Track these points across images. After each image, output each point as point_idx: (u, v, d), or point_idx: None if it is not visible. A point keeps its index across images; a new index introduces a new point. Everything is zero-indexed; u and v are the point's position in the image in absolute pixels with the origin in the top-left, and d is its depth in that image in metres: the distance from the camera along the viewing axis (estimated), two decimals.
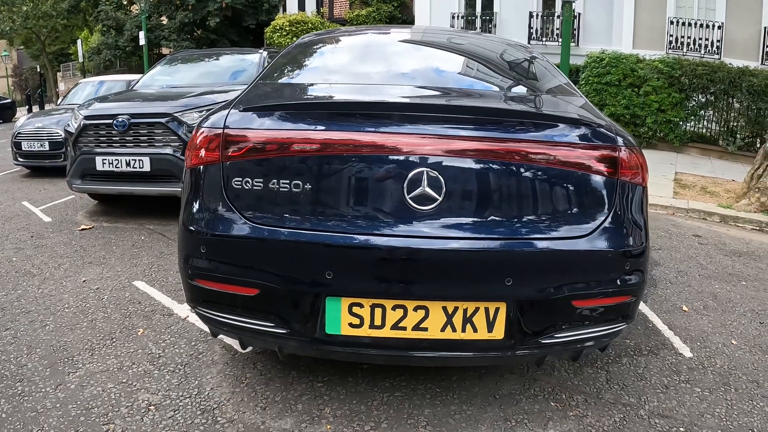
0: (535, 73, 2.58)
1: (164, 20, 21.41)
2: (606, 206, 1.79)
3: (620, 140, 1.83)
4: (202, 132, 1.85)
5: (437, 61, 2.61)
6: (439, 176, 1.68)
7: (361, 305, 1.70)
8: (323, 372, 2.27)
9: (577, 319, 1.80)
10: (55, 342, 2.57)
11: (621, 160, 1.80)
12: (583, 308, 1.78)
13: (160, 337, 2.61)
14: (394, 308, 1.70)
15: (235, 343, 2.43)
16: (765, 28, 11.69)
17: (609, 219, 1.79)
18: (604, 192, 1.80)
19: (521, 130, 1.77)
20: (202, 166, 1.83)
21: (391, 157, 1.70)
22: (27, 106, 25.05)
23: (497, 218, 1.72)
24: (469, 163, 1.71)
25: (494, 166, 1.72)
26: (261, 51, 6.33)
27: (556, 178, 1.75)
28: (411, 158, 1.69)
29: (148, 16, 19.71)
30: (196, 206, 1.84)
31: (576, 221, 1.76)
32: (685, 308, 3.18)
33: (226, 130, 1.79)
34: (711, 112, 9.90)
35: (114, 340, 2.59)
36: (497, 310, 1.72)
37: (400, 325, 1.71)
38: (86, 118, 4.65)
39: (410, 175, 1.68)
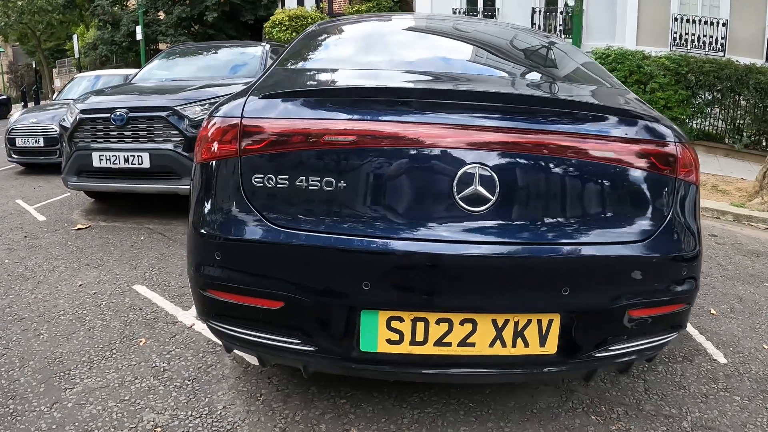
0: (576, 62, 2.39)
1: (161, 15, 21.17)
2: (665, 207, 1.64)
3: (676, 135, 1.68)
4: (215, 123, 1.63)
5: (470, 48, 2.42)
6: (493, 174, 1.49)
7: (401, 319, 1.51)
8: (346, 387, 2.09)
9: (632, 329, 1.65)
10: (50, 353, 2.37)
11: (678, 158, 1.64)
12: (639, 318, 1.63)
13: (165, 348, 2.42)
14: (438, 322, 1.51)
15: (247, 355, 2.25)
16: None
17: (668, 221, 1.63)
18: (663, 192, 1.64)
19: (581, 123, 1.59)
20: (214, 162, 1.61)
21: (438, 152, 1.51)
22: (22, 103, 24.80)
23: (555, 221, 1.55)
24: (524, 160, 1.53)
25: (551, 164, 1.54)
26: (263, 44, 6.14)
27: (615, 176, 1.59)
28: (462, 153, 1.50)
29: (145, 10, 19.47)
30: (208, 206, 1.63)
31: (635, 224, 1.60)
32: (713, 311, 3.06)
33: (244, 120, 1.57)
34: (717, 110, 9.79)
35: (114, 351, 2.40)
36: (551, 322, 1.55)
37: (444, 340, 1.52)
38: (82, 112, 4.45)
39: (460, 173, 1.49)
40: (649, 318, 1.66)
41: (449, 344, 1.53)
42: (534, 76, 2.19)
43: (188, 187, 4.33)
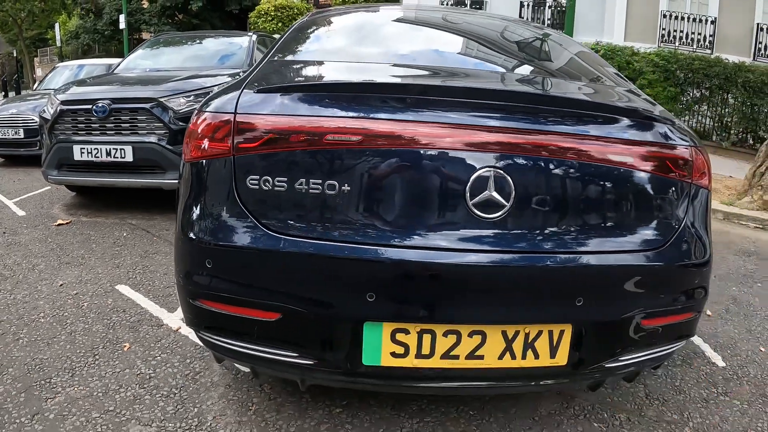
0: (587, 61, 2.31)
1: (145, 4, 20.77)
2: (680, 214, 1.58)
3: (691, 139, 1.63)
4: (205, 118, 1.52)
5: (470, 42, 2.32)
6: (508, 178, 1.40)
7: (406, 331, 1.42)
8: (341, 395, 2.00)
9: (643, 339, 1.60)
10: (30, 360, 2.25)
11: (692, 162, 1.59)
12: (650, 327, 1.58)
13: (150, 354, 2.31)
14: (445, 334, 1.43)
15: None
16: (758, 24, 11.69)
17: (682, 228, 1.57)
18: (679, 198, 1.58)
19: (597, 125, 1.51)
20: (204, 160, 1.50)
21: (451, 154, 1.41)
22: (3, 92, 24.22)
23: (570, 228, 1.47)
24: (538, 164, 1.44)
25: (566, 169, 1.46)
26: (250, 34, 6.00)
27: (630, 182, 1.52)
28: (476, 156, 1.41)
29: None
30: (198, 209, 1.51)
31: (651, 231, 1.54)
32: (709, 313, 3.03)
33: (238, 116, 1.45)
34: (705, 108, 9.83)
35: (97, 357, 2.28)
36: (562, 333, 1.48)
37: (452, 353, 1.44)
38: (63, 103, 4.29)
39: (474, 176, 1.40)
40: (660, 327, 1.61)
41: (457, 357, 1.45)
42: (542, 72, 2.09)
43: (172, 181, 4.15)
